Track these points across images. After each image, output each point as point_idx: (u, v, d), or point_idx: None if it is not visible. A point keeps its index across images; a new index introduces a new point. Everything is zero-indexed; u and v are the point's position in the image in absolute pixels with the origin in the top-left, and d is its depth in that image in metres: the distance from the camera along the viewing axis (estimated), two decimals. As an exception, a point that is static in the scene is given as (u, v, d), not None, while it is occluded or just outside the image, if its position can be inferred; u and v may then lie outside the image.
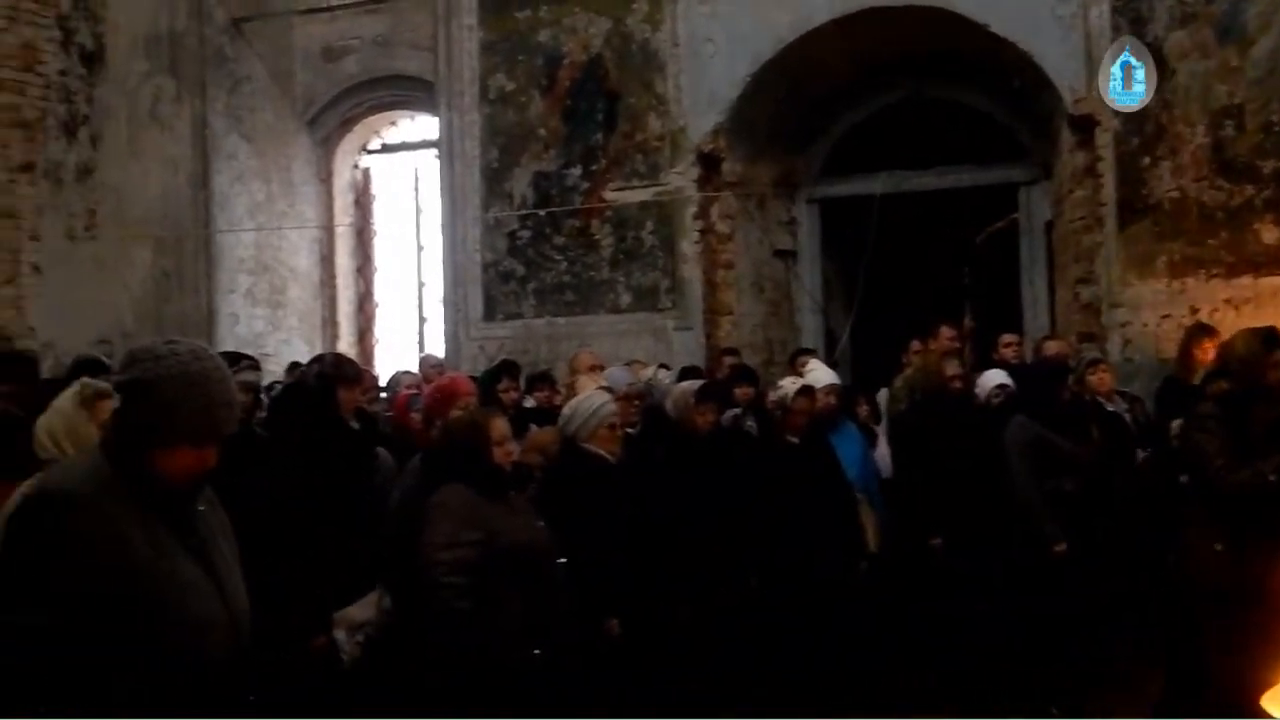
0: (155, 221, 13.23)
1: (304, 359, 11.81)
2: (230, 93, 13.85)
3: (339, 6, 13.82)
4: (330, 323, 14.64)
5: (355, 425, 7.06)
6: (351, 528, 6.14)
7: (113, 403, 4.60)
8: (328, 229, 14.72)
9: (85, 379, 5.47)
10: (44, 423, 5.01)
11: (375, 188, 15.07)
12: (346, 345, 14.27)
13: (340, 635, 5.93)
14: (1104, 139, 10.61)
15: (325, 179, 14.70)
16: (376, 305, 15.03)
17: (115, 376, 3.81)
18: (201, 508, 3.63)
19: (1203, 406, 6.66)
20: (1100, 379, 9.00)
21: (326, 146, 14.61)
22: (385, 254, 15.06)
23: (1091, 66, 10.60)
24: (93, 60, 12.65)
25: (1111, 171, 10.58)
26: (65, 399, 5.10)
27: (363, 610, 6.02)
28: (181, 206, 13.48)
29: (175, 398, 3.44)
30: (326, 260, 14.71)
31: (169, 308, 13.15)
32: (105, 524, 3.40)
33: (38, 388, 7.09)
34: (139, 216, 13.07)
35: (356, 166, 14.95)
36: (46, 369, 8.26)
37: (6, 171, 11.80)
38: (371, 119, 14.67)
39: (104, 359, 8.63)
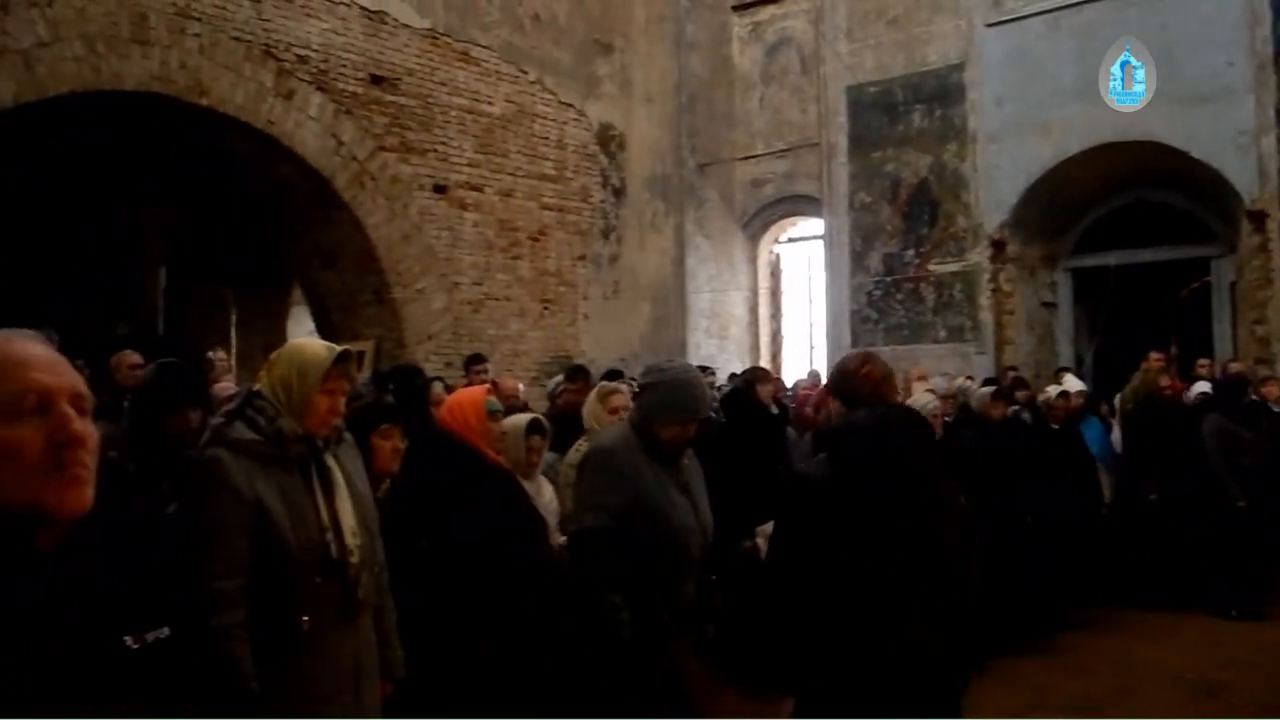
0: (652, 288, 13.67)
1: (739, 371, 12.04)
2: (697, 209, 14.18)
3: (762, 154, 13.97)
4: (754, 348, 14.76)
5: (774, 411, 7.13)
6: (769, 472, 6.19)
7: (621, 397, 4.82)
8: (753, 291, 14.88)
9: (604, 382, 5.71)
10: (585, 409, 5.22)
11: (783, 265, 15.14)
12: (764, 363, 14.37)
13: (760, 541, 5.99)
14: (1272, 226, 9.87)
15: (752, 260, 14.84)
16: (783, 338, 15.09)
17: (638, 380, 4.01)
18: (685, 461, 3.77)
19: None
20: (1269, 390, 8.46)
21: (754, 240, 14.75)
22: (789, 306, 15.12)
23: (1263, 177, 9.86)
24: (619, 193, 13.19)
25: (1278, 248, 9.83)
26: (593, 395, 5.28)
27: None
28: (668, 278, 13.88)
29: (671, 392, 3.59)
30: (753, 310, 14.86)
31: (659, 339, 13.52)
32: (630, 466, 3.58)
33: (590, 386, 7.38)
34: (643, 285, 13.53)
35: (772, 252, 15.06)
36: (595, 375, 8.60)
37: (570, 260, 12.46)
38: (781, 222, 14.73)
39: (623, 369, 8.97)
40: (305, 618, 2.71)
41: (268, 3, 9.63)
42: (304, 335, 9.97)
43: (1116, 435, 8.93)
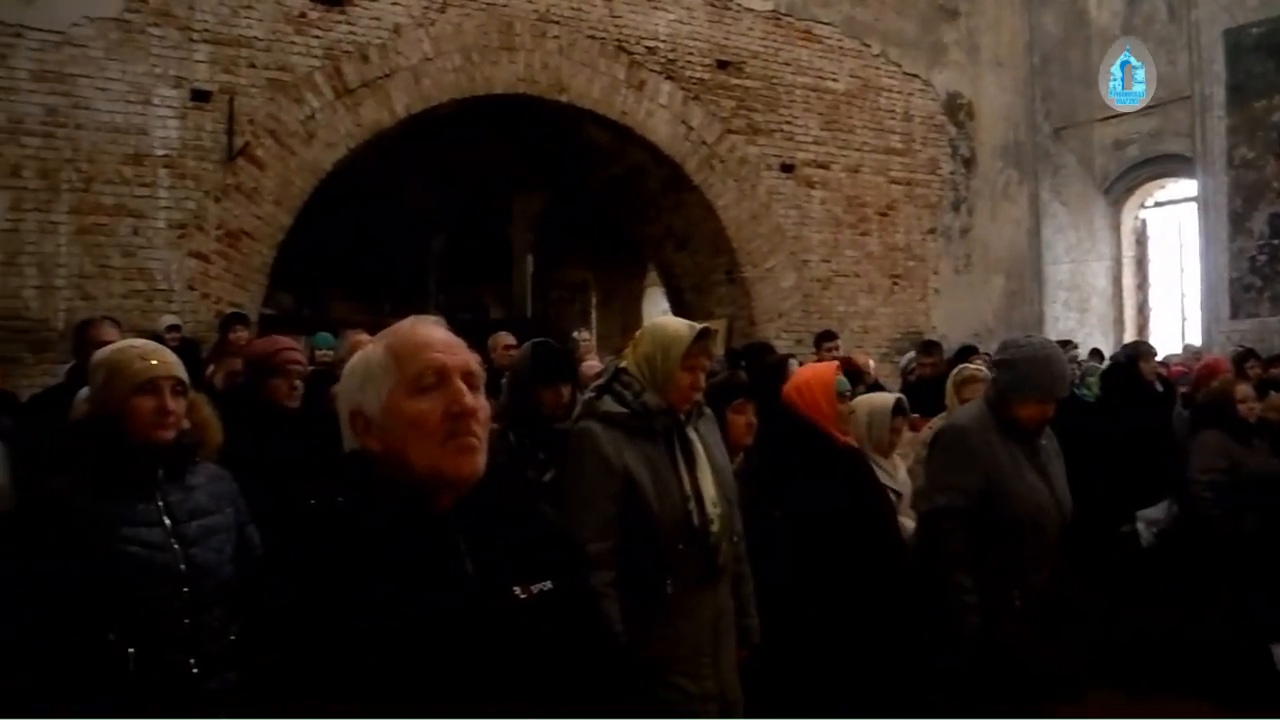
0: (1005, 260, 13.10)
1: (1102, 348, 11.33)
2: (1053, 176, 13.42)
3: (1124, 114, 13.00)
4: (1118, 322, 13.80)
5: (1159, 389, 6.66)
6: (1155, 452, 5.74)
7: (978, 384, 4.59)
8: (1116, 260, 13.90)
9: (962, 365, 5.40)
10: (948, 386, 5.01)
11: (1150, 231, 14.03)
12: (1130, 337, 13.41)
13: (1140, 526, 5.64)
14: None
15: (1115, 227, 13.85)
16: (1150, 310, 14.02)
17: (994, 356, 3.87)
18: (1044, 442, 3.60)
19: None
20: None
21: (1116, 206, 13.76)
22: (1156, 275, 14.01)
23: None
24: (969, 163, 12.74)
25: None
26: (950, 381, 5.00)
27: (1158, 510, 5.67)
28: (1022, 250, 13.25)
29: (1030, 370, 3.45)
30: (1116, 281, 13.87)
31: (1013, 314, 12.96)
32: (984, 445, 3.49)
33: (948, 363, 7.06)
34: (996, 257, 13.00)
35: (1137, 218, 14.00)
36: (947, 351, 8.28)
37: (920, 234, 12.20)
38: (1147, 185, 13.64)
39: (976, 345, 8.61)
40: (669, 582, 2.83)
41: (619, 0, 10.07)
42: (659, 315, 10.37)
43: None
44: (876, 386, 6.34)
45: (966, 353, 7.16)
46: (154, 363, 2.52)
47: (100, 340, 4.21)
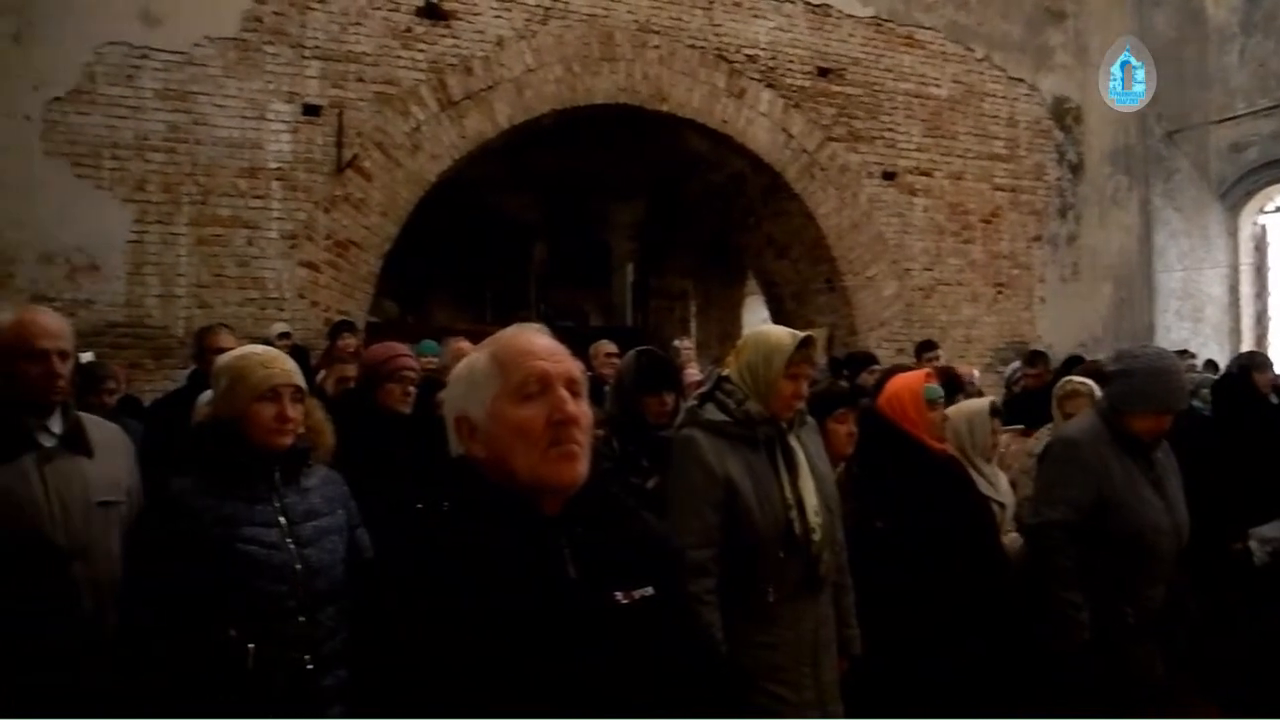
0: (1114, 267, 12.79)
1: (1218, 359, 10.93)
2: (1165, 181, 13.04)
3: (1243, 114, 12.56)
4: (1234, 332, 13.30)
5: (1275, 400, 6.39)
6: (1268, 468, 5.51)
7: (1081, 399, 4.44)
8: (1233, 268, 13.43)
9: (1066, 378, 5.11)
10: (1053, 400, 4.89)
11: (1270, 236, 13.51)
12: (1247, 348, 12.93)
13: (1254, 544, 5.43)
14: None
15: (1232, 233, 13.37)
16: (1270, 319, 13.49)
17: (1109, 366, 3.77)
18: (1159, 455, 3.51)
19: None
20: None
21: (1233, 211, 13.28)
22: (1276, 283, 13.47)
23: None
24: (1076, 169, 12.49)
25: None
26: (1055, 390, 4.82)
27: (1273, 529, 5.44)
28: (1132, 257, 12.91)
29: (1145, 381, 3.37)
30: (1233, 289, 13.39)
31: (1122, 323, 12.64)
32: (1096, 458, 3.42)
33: (1054, 373, 6.85)
34: (1104, 265, 12.71)
35: (1255, 223, 13.50)
36: (1054, 360, 8.04)
37: (1024, 241, 12.00)
38: (1267, 189, 13.15)
39: (1083, 355, 8.40)
40: (770, 590, 2.83)
41: (718, 9, 10.12)
42: (759, 324, 10.33)
43: None
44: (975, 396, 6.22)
45: (1073, 363, 6.99)
46: (275, 371, 2.62)
47: (217, 347, 4.37)
